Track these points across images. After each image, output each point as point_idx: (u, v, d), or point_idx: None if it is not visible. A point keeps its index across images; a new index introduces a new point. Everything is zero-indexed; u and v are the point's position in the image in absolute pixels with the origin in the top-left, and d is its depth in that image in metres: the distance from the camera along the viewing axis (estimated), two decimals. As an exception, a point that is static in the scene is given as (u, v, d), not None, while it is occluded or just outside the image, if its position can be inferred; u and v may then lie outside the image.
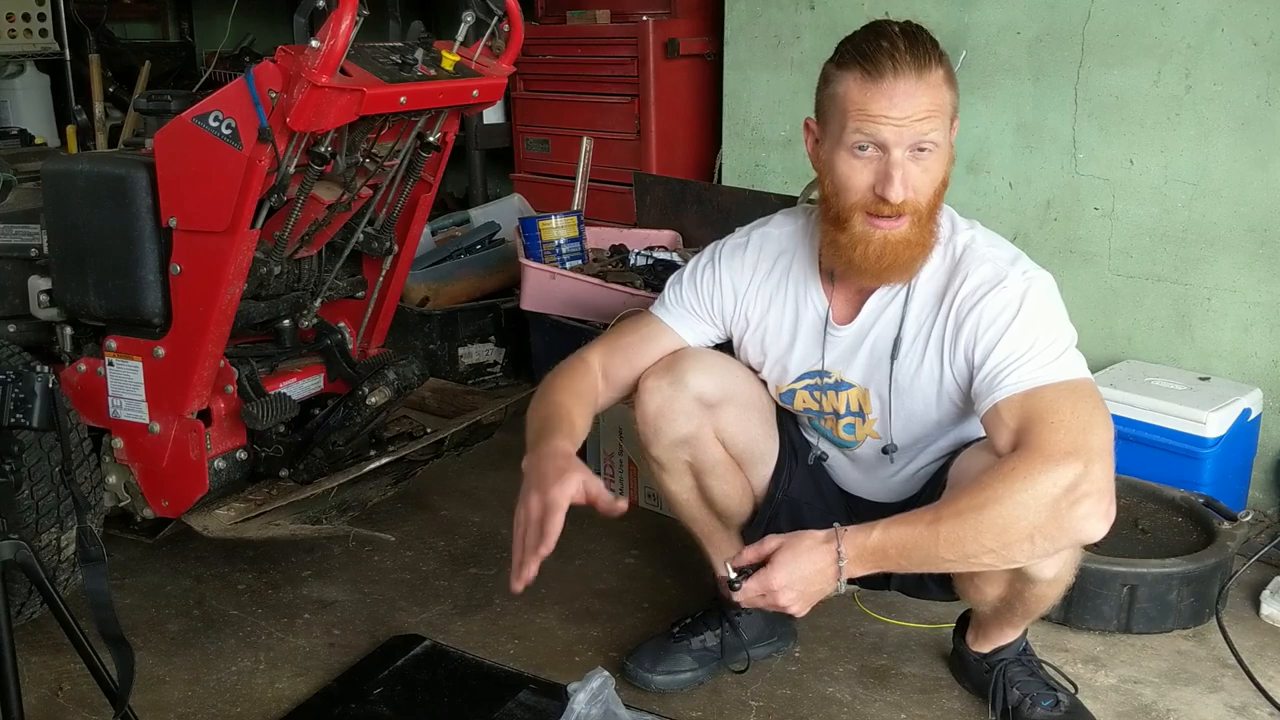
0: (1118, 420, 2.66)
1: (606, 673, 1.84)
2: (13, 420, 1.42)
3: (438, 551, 2.66)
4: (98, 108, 4.55)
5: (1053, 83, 3.03)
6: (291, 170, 2.08)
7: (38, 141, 4.78)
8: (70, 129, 4.56)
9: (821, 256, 1.84)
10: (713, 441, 1.92)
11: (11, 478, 1.46)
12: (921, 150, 1.64)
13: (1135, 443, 2.65)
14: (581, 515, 2.76)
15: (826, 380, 1.88)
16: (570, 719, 1.77)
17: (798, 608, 1.59)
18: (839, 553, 1.56)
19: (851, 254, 1.71)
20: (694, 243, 3.44)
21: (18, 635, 1.62)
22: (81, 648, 1.55)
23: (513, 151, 4.56)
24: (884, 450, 1.89)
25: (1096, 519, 1.54)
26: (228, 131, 2.00)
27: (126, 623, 2.33)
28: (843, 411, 1.89)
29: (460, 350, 3.61)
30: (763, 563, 1.60)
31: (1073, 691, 2.00)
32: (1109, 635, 2.26)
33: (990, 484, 1.55)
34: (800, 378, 1.90)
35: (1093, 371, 2.78)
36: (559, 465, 1.69)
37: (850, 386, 1.87)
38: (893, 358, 1.79)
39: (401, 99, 2.08)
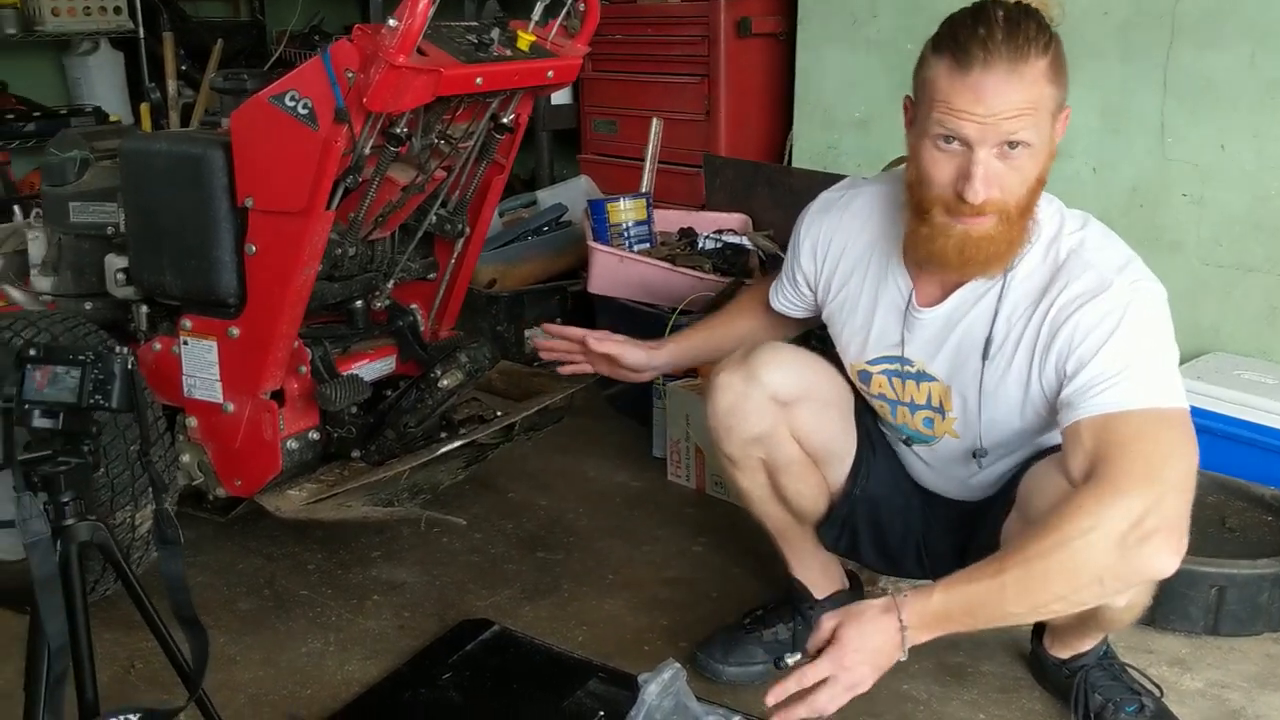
0: (1204, 414, 2.61)
1: (678, 665, 1.81)
2: (92, 401, 1.41)
3: (506, 535, 2.65)
4: (171, 86, 4.59)
5: (1141, 65, 2.93)
6: (367, 151, 2.06)
7: (112, 119, 4.85)
8: (144, 107, 4.60)
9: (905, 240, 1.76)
10: (788, 440, 1.87)
11: (90, 459, 1.45)
12: (1011, 148, 1.54)
13: (1223, 438, 2.57)
14: (649, 501, 2.80)
15: (908, 369, 1.81)
16: (641, 710, 1.75)
17: (869, 680, 1.51)
18: (901, 621, 1.48)
19: (931, 246, 1.63)
20: (764, 226, 3.39)
21: (93, 612, 1.64)
22: (155, 627, 1.54)
23: (580, 132, 4.53)
24: (973, 454, 1.82)
25: (1166, 555, 1.45)
26: (304, 111, 1.99)
27: (198, 601, 2.31)
28: (920, 403, 1.83)
29: (527, 332, 3.59)
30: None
31: (1158, 695, 1.94)
32: (1196, 637, 2.19)
33: (1057, 525, 1.45)
34: (878, 360, 1.84)
35: (1179, 364, 2.75)
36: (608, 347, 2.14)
37: (933, 380, 1.80)
38: (984, 357, 1.71)
39: (478, 80, 2.06)
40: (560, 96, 4.49)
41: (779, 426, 1.85)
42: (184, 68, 5.34)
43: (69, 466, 1.45)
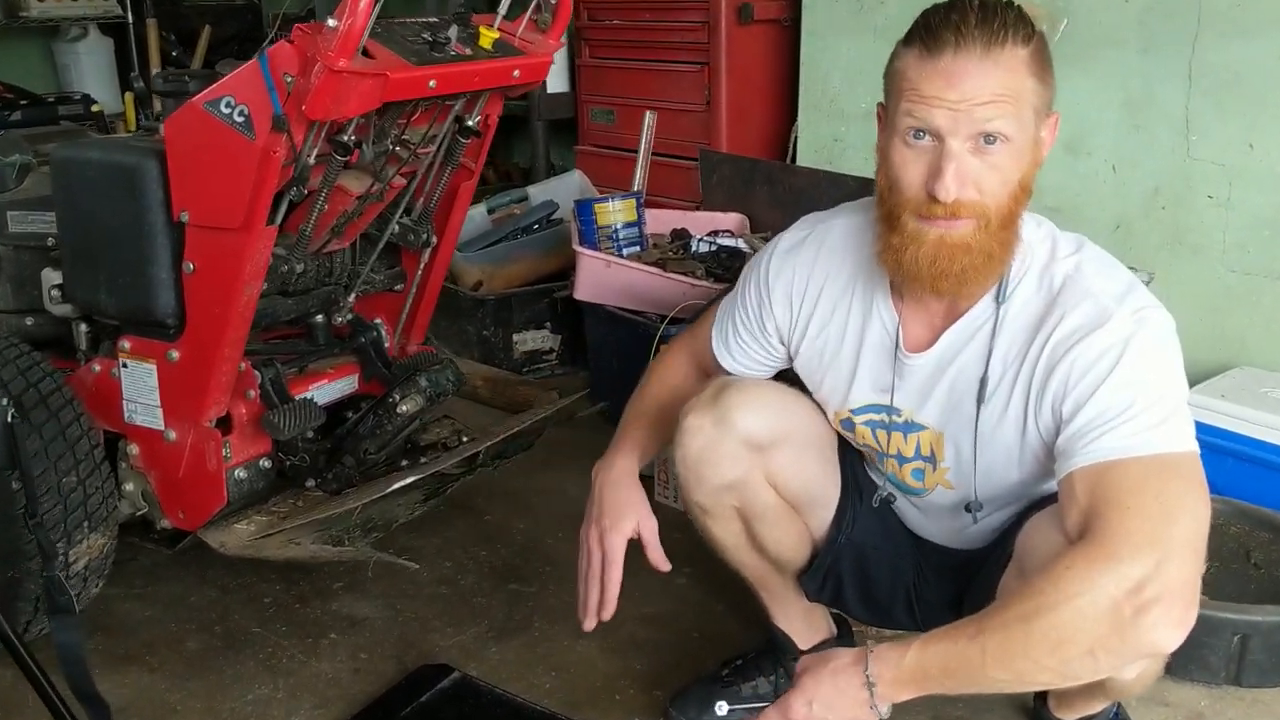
0: (1228, 436, 2.42)
1: (645, 726, 1.67)
2: (-33, 459, 1.26)
3: (479, 562, 2.49)
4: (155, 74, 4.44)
5: (1164, 56, 2.73)
6: (312, 161, 1.90)
7: (94, 109, 4.70)
8: (128, 96, 4.45)
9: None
10: (763, 486, 1.69)
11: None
12: (988, 143, 1.38)
13: (1249, 462, 2.39)
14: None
15: (895, 419, 1.63)
16: (603, 776, 1.61)
17: None
18: (868, 676, 1.33)
19: (902, 257, 1.46)
20: (762, 227, 3.20)
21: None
22: (51, 704, 1.39)
23: (577, 122, 4.35)
24: (966, 508, 1.65)
25: (1167, 628, 1.27)
26: (240, 119, 1.82)
27: (144, 639, 2.21)
28: (910, 455, 1.65)
29: (515, 337, 3.43)
30: None
31: (1173, 762, 1.77)
32: (1216, 689, 2.01)
33: (1041, 589, 1.29)
34: (863, 409, 1.66)
35: (1201, 379, 2.56)
36: (621, 499, 1.71)
37: (922, 429, 1.62)
38: (978, 401, 1.54)
39: (431, 83, 1.88)
40: (557, 84, 4.32)
41: (753, 472, 1.67)
42: (175, 54, 5.20)
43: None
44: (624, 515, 1.69)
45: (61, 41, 5.11)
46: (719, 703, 1.47)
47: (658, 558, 1.69)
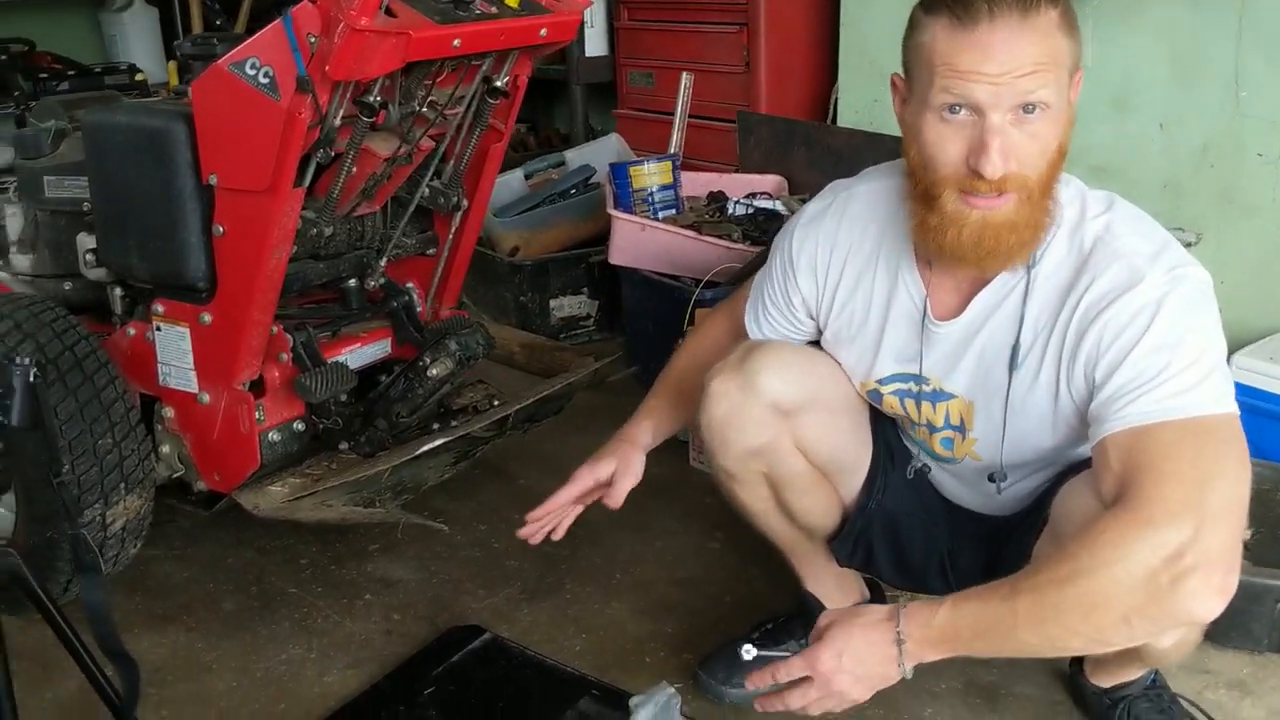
0: (1275, 400, 2.36)
1: (672, 689, 1.66)
2: (-11, 418, 1.27)
3: (512, 525, 2.44)
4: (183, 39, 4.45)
5: (1213, 9, 2.64)
6: (338, 123, 1.89)
7: (139, 78, 4.74)
8: (171, 65, 4.48)
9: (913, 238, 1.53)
10: (791, 452, 1.66)
11: (-2, 478, 1.32)
12: (1028, 113, 1.33)
13: (1297, 427, 2.32)
14: (668, 490, 2.62)
15: (924, 388, 1.59)
16: (630, 736, 1.61)
17: (855, 692, 1.34)
18: (899, 634, 1.31)
19: (943, 239, 1.41)
20: (801, 188, 3.16)
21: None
22: (80, 659, 1.40)
23: (616, 85, 4.31)
24: (990, 478, 1.61)
25: (1206, 596, 1.23)
26: (265, 80, 1.82)
27: (182, 599, 2.24)
28: (939, 425, 1.62)
29: (552, 303, 3.42)
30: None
31: (1212, 730, 1.73)
32: (1259, 656, 1.97)
33: (1075, 553, 1.26)
34: (891, 379, 1.62)
35: (1249, 342, 2.49)
36: (610, 448, 1.77)
37: (951, 397, 1.58)
38: (1010, 367, 1.49)
39: (455, 42, 1.86)
40: (595, 47, 4.28)
41: (781, 438, 1.64)
42: (218, 22, 5.22)
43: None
44: (605, 459, 1.74)
45: (108, 12, 5.16)
46: (745, 646, 1.44)
47: (611, 496, 1.73)
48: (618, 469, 1.72)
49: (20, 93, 4.06)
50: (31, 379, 1.27)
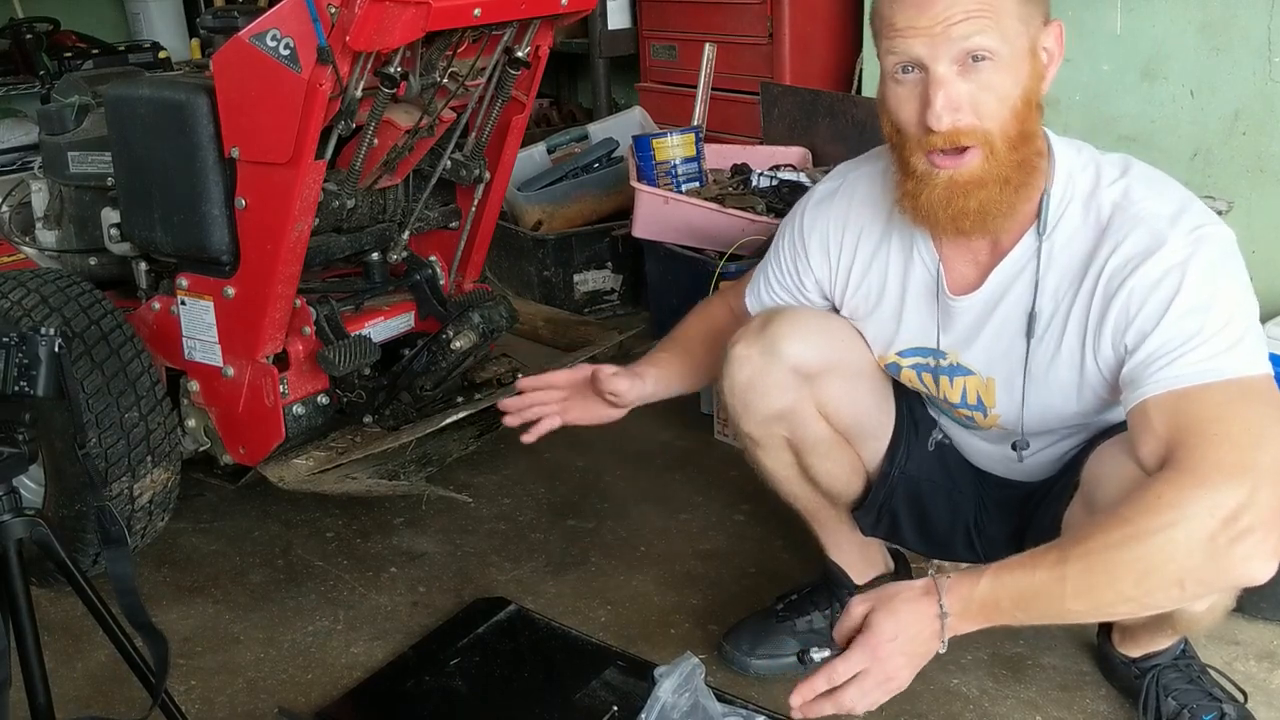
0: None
1: (696, 660, 1.65)
2: (16, 389, 1.27)
3: (536, 500, 2.50)
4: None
5: (1247, -28, 2.60)
6: (359, 94, 1.88)
7: (161, 55, 4.75)
8: (194, 42, 4.49)
9: None
10: (814, 417, 1.66)
11: (25, 448, 1.32)
12: (976, 61, 1.33)
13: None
14: (692, 463, 2.62)
15: (941, 362, 1.58)
16: (655, 708, 1.60)
17: (906, 674, 1.30)
18: (941, 607, 1.27)
19: (917, 203, 1.42)
20: (824, 160, 3.13)
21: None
22: (110, 631, 1.41)
23: (639, 59, 4.29)
24: (1013, 446, 1.60)
25: (1262, 559, 1.21)
26: (286, 52, 1.81)
27: (209, 572, 2.26)
28: (956, 401, 1.61)
29: (576, 277, 3.41)
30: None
31: (1241, 701, 1.71)
32: (1290, 627, 1.95)
33: (1130, 517, 1.23)
34: (909, 353, 1.62)
35: (1276, 313, 2.45)
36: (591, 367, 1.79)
37: (969, 373, 1.57)
38: (1028, 335, 1.48)
39: (476, 11, 1.85)
40: (618, 20, 4.25)
41: (803, 402, 1.64)
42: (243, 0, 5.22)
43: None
44: (608, 366, 1.77)
45: (132, -10, 5.17)
46: (813, 649, 1.39)
47: (609, 382, 1.74)
48: (619, 370, 1.75)
49: (45, 71, 4.08)
50: (56, 349, 1.28)
